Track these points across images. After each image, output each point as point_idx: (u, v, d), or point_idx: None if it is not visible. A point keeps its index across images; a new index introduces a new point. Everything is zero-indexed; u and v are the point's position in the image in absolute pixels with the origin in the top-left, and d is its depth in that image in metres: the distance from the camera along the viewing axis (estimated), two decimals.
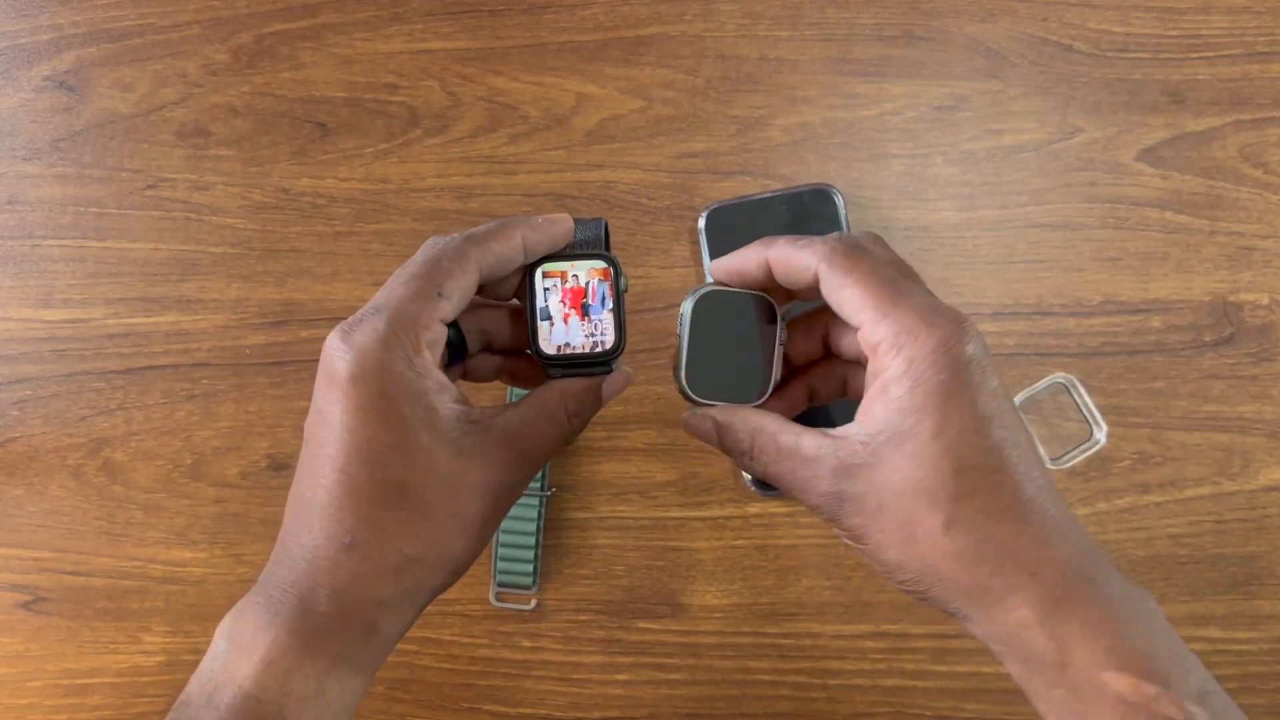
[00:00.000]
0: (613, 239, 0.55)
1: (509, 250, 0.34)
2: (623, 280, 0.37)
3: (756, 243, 0.34)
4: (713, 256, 0.53)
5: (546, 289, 0.36)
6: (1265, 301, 0.53)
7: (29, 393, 0.56)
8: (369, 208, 0.56)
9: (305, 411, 0.55)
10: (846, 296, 0.31)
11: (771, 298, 0.36)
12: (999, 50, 0.55)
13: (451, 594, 0.55)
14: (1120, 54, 0.55)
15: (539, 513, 0.54)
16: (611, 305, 0.36)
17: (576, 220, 0.37)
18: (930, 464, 0.29)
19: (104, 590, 0.55)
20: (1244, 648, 0.52)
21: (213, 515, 0.55)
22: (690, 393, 0.36)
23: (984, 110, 0.55)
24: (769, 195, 0.54)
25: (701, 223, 0.54)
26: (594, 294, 0.36)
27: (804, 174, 0.55)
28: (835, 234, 0.33)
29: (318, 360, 0.56)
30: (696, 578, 0.54)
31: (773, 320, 0.36)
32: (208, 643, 0.39)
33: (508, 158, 0.56)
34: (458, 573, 0.33)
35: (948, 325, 0.30)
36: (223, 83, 0.57)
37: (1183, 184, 0.54)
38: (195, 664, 0.54)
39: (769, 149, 0.55)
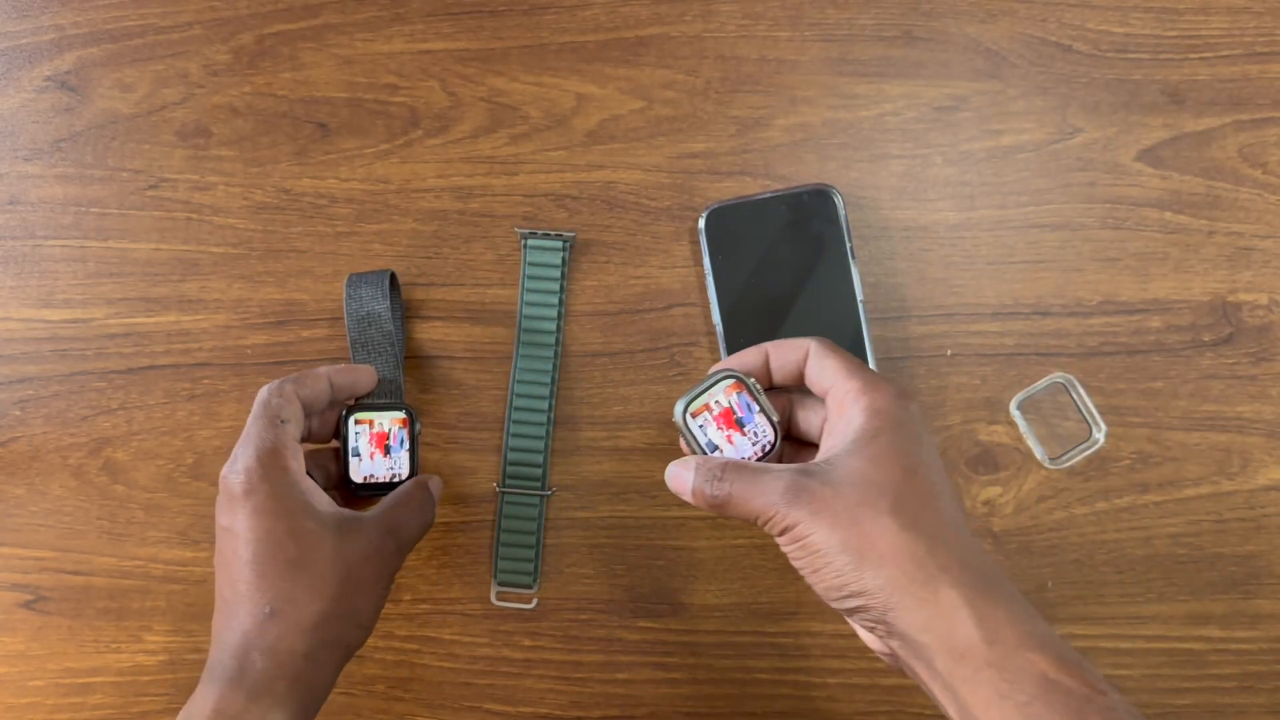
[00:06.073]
0: (612, 240, 0.55)
1: (320, 386, 0.46)
2: (417, 426, 0.49)
3: (752, 348, 0.43)
4: (712, 257, 0.53)
5: (357, 433, 0.48)
6: (1264, 301, 0.53)
7: (30, 392, 0.56)
8: (370, 208, 0.56)
9: None
10: (829, 365, 0.40)
11: (751, 380, 0.42)
12: (998, 50, 0.55)
13: (452, 593, 0.55)
14: (1119, 54, 0.55)
15: (539, 512, 0.54)
16: (408, 446, 0.48)
17: (362, 276, 0.51)
18: (885, 463, 0.36)
19: (105, 590, 0.55)
20: (1243, 647, 0.52)
21: (214, 515, 0.55)
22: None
23: (983, 110, 0.55)
24: (769, 195, 0.54)
25: (701, 223, 0.54)
26: (394, 438, 0.48)
27: (804, 174, 0.55)
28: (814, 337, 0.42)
29: (319, 361, 0.56)
30: (697, 577, 0.54)
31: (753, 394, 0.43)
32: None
33: (508, 158, 0.56)
34: (366, 627, 0.43)
35: (898, 389, 0.39)
36: (224, 83, 0.57)
37: (1182, 184, 0.54)
38: (197, 663, 0.55)
39: (769, 149, 0.55)
